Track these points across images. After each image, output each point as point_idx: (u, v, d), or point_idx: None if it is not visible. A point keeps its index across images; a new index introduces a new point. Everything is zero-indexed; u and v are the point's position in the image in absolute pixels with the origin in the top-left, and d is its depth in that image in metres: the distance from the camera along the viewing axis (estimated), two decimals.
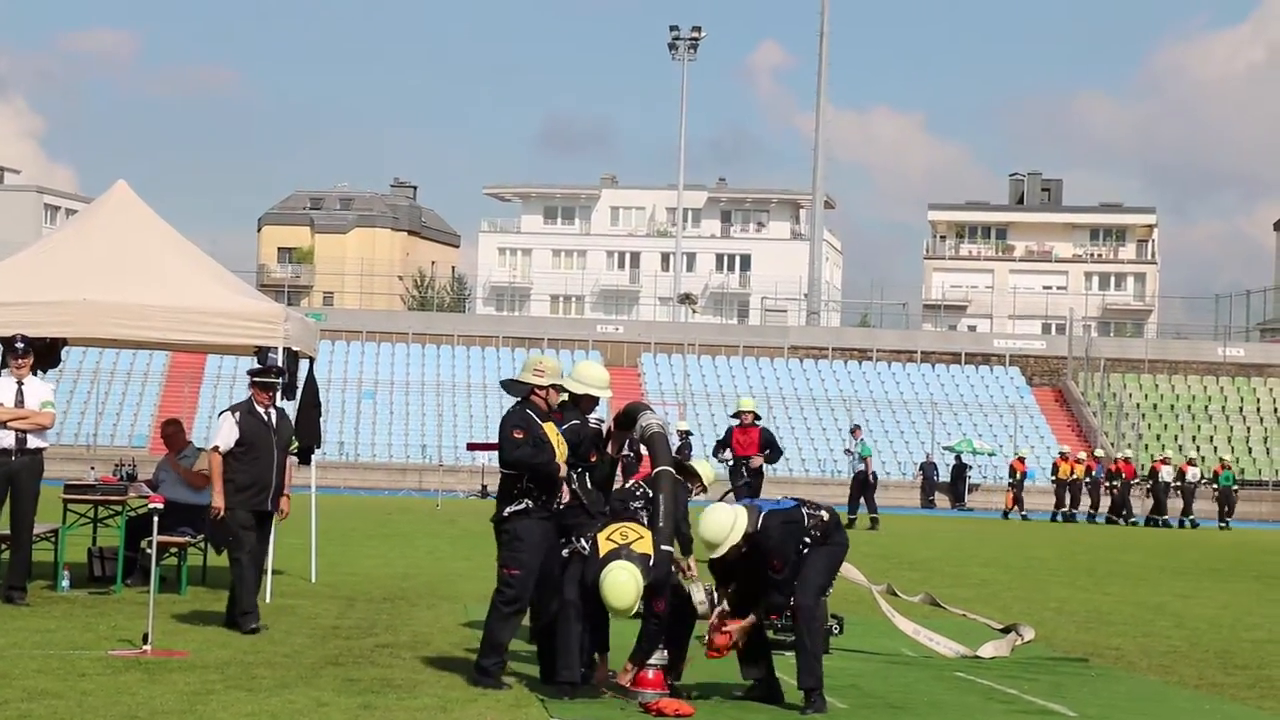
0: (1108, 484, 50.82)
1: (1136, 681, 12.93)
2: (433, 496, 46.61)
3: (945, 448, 63.94)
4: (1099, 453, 59.62)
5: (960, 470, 61.87)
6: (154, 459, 18.55)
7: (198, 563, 17.78)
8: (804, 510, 11.13)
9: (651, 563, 10.71)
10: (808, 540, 11.02)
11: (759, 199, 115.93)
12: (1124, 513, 49.89)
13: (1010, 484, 52.25)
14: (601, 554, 10.81)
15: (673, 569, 11.12)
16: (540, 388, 11.71)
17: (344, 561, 21.44)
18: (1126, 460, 52.23)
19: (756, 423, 25.70)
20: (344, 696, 10.51)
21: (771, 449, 25.62)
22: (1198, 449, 67.05)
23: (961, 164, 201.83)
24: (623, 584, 10.57)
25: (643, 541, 10.88)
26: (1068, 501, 50.78)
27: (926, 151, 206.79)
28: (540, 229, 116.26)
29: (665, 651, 10.94)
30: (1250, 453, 67.54)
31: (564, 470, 11.43)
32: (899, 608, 14.89)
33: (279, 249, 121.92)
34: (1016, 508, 50.96)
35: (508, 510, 11.44)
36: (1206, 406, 70.74)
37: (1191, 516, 48.85)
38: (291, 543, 21.50)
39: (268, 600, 15.71)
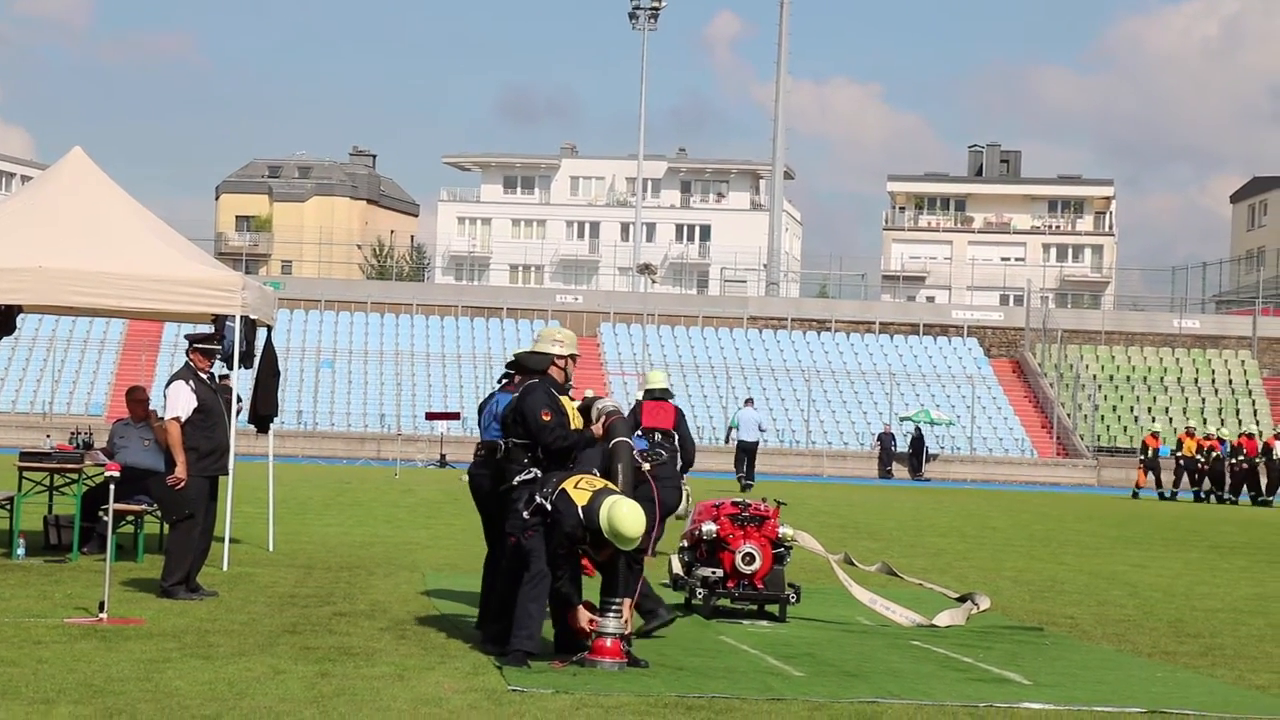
0: (1232, 461, 47.44)
1: (1090, 650, 13.02)
2: (391, 466, 46.56)
3: (903, 418, 64.17)
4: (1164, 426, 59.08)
5: (919, 441, 62.11)
6: (110, 427, 18.38)
7: (155, 531, 17.73)
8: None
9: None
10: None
11: (719, 169, 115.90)
12: (1249, 490, 46.97)
13: (1141, 460, 49.42)
14: (582, 503, 10.87)
15: None
16: (560, 358, 11.84)
17: (302, 530, 21.41)
18: (1249, 436, 49.17)
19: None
20: (301, 664, 10.51)
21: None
22: (1153, 420, 67.44)
23: (920, 135, 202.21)
24: (632, 513, 10.71)
25: (610, 489, 11.10)
26: (1195, 481, 47.69)
27: (885, 122, 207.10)
28: (500, 198, 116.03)
29: (625, 619, 10.97)
30: (1205, 424, 67.85)
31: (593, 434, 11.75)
32: (856, 577, 14.96)
33: (237, 217, 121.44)
34: (1153, 484, 48.01)
35: (518, 479, 11.52)
36: (1163, 378, 71.12)
37: None
38: (249, 511, 21.49)
39: (224, 568, 15.70)
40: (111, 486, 12.89)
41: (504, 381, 12.41)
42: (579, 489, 10.96)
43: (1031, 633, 13.97)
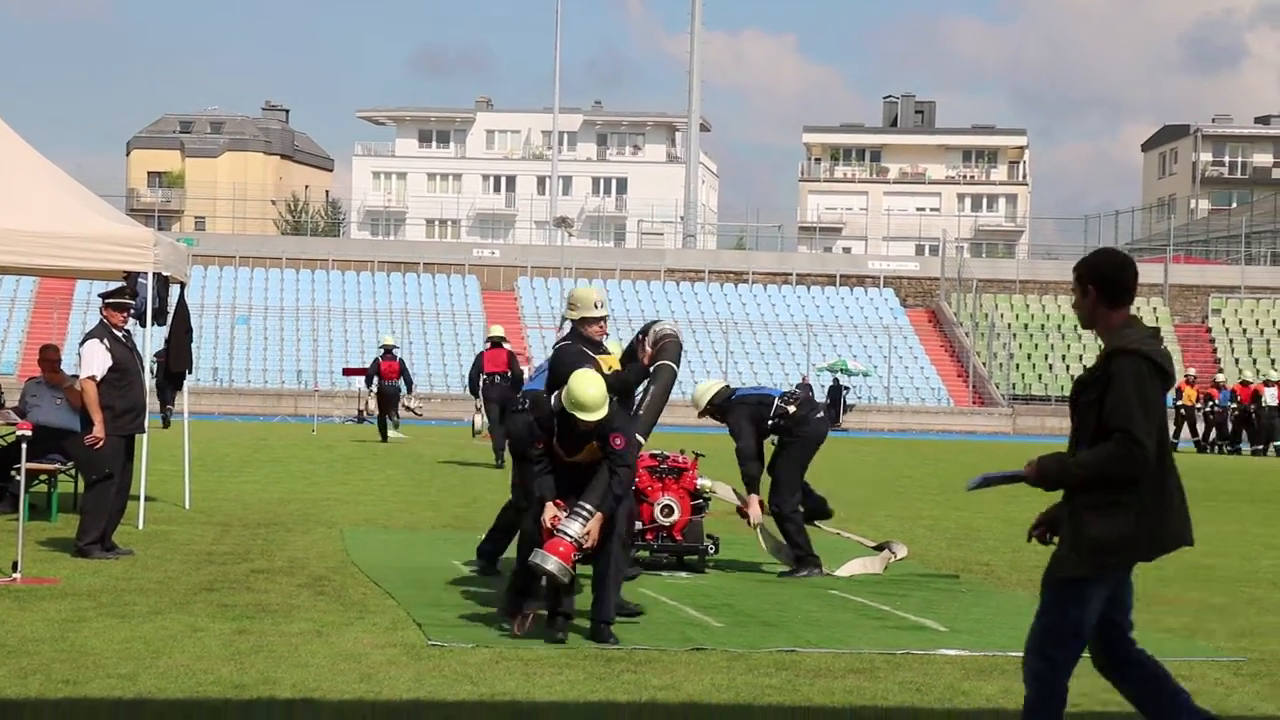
0: (1230, 407, 46.63)
1: (1005, 597, 13.14)
2: (309, 422, 46.34)
3: (820, 369, 64.42)
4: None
5: (836, 391, 62.37)
6: (22, 386, 18.20)
7: (69, 489, 17.59)
8: (778, 400, 14.00)
9: (635, 447, 10.65)
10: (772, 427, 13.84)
11: (635, 122, 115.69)
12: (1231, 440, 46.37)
13: None
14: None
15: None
16: (595, 320, 11.86)
17: (218, 488, 21.28)
18: (1244, 384, 47.85)
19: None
20: (218, 622, 10.46)
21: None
22: (1067, 368, 68.07)
23: (834, 86, 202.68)
24: (588, 379, 10.38)
25: None
26: (1195, 431, 47.14)
27: (799, 74, 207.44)
28: (415, 152, 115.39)
29: (588, 531, 10.29)
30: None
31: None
32: (773, 528, 15.01)
33: (149, 173, 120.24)
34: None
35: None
36: (1076, 326, 71.52)
37: None
38: (164, 469, 21.33)
39: (140, 526, 15.60)
40: (24, 446, 12.77)
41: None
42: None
43: (948, 580, 14.08)
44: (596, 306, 11.93)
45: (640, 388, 12.08)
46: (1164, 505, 6.64)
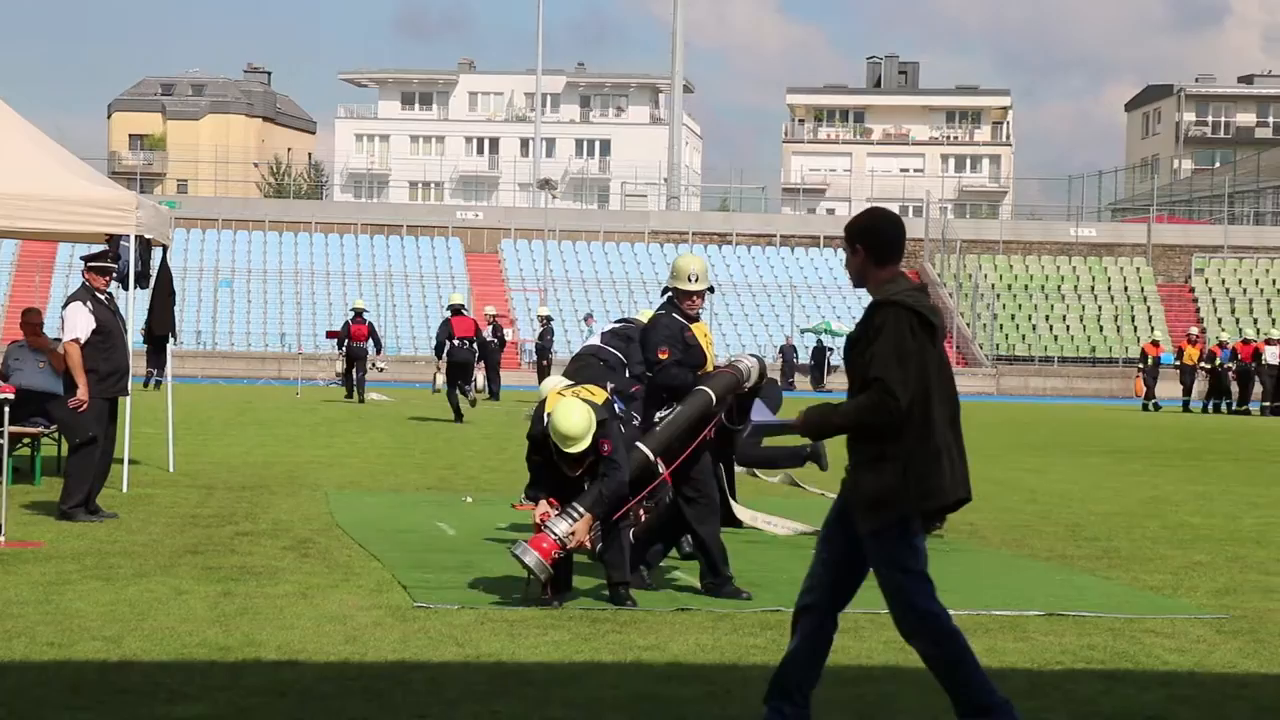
0: (1229, 366, 46.02)
1: (989, 555, 13.17)
2: (293, 385, 46.31)
3: (804, 330, 64.45)
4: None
5: (820, 352, 62.40)
6: (4, 350, 18.15)
7: (52, 453, 17.57)
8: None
9: (625, 451, 10.34)
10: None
11: (618, 83, 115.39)
12: (1242, 400, 45.74)
13: (1141, 369, 47.84)
14: (548, 408, 10.26)
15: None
16: (688, 294, 11.04)
17: (202, 450, 21.27)
18: (1245, 341, 47.24)
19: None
20: (203, 585, 10.46)
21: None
22: (1050, 328, 68.17)
23: (818, 47, 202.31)
24: (569, 410, 10.10)
25: (597, 396, 10.44)
26: (1188, 390, 47.16)
27: (782, 34, 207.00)
28: (398, 115, 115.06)
29: (573, 532, 10.12)
30: (1101, 331, 68.77)
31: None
32: (761, 487, 15.04)
33: (130, 136, 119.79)
34: (1147, 395, 46.83)
35: (658, 416, 10.83)
36: (1059, 286, 71.82)
37: None
38: (148, 432, 21.31)
39: (124, 490, 15.58)
40: (6, 409, 12.73)
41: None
42: (560, 394, 10.40)
43: (932, 539, 14.05)
44: (690, 280, 10.98)
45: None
46: (932, 459, 6.86)
